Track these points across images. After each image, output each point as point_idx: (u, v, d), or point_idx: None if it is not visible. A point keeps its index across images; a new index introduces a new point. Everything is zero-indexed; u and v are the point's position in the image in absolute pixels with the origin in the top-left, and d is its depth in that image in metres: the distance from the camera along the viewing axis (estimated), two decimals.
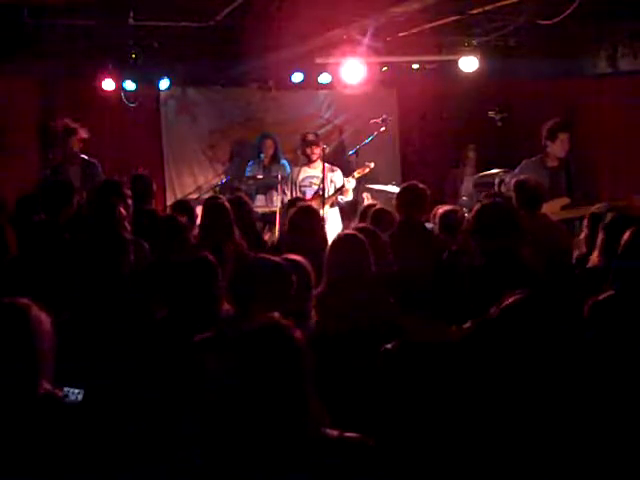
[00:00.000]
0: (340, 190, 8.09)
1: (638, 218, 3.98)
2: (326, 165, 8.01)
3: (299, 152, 8.12)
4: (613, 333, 3.25)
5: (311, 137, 8.59)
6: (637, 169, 8.41)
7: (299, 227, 4.94)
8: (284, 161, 9.43)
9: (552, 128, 7.00)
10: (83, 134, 7.73)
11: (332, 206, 8.15)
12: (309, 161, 8.44)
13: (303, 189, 8.37)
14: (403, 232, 5.10)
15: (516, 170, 7.35)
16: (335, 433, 2.26)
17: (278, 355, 2.23)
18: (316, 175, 8.26)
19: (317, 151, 8.26)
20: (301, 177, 8.47)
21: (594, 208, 4.90)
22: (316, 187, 8.19)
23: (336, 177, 8.27)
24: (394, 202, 5.65)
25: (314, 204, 6.75)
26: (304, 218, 5.02)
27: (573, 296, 3.75)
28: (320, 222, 5.24)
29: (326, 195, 7.80)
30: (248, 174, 9.24)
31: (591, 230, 4.59)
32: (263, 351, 2.23)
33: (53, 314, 2.65)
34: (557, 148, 6.97)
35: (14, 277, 4.23)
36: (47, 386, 2.52)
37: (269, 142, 9.35)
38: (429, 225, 5.93)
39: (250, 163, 9.47)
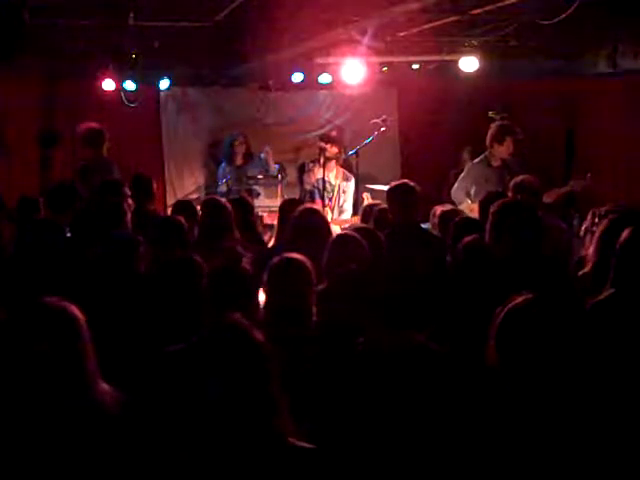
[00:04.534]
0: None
1: (635, 218, 3.98)
2: (341, 171, 7.83)
3: (316, 150, 7.93)
4: (613, 332, 3.25)
5: (333, 134, 8.38)
6: (637, 169, 8.42)
7: (304, 228, 4.85)
8: (261, 154, 9.33)
9: (501, 131, 7.18)
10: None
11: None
12: (324, 160, 7.70)
13: (312, 190, 7.90)
14: (399, 232, 5.06)
15: (463, 173, 7.42)
16: (296, 442, 2.25)
17: (237, 358, 2.19)
18: (331, 183, 7.79)
19: (334, 150, 7.78)
20: (316, 176, 7.91)
21: (596, 209, 4.92)
22: (329, 195, 7.74)
23: (348, 187, 7.86)
24: (386, 202, 5.60)
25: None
26: (309, 219, 4.93)
27: (575, 296, 3.76)
28: (326, 223, 5.14)
29: (335, 208, 7.66)
30: (220, 177, 9.13)
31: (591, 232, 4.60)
32: (221, 354, 2.20)
33: None
34: (504, 150, 7.14)
35: (13, 276, 4.23)
36: (104, 386, 2.48)
37: (239, 141, 9.23)
38: (426, 225, 5.91)
39: (222, 166, 9.31)
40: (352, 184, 7.85)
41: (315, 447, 2.29)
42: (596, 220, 4.55)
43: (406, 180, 5.56)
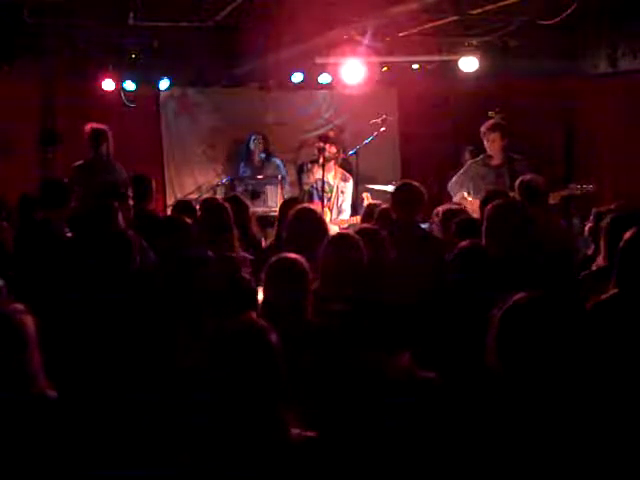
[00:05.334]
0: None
1: (638, 217, 3.97)
2: (340, 171, 7.88)
3: (315, 150, 7.95)
4: (616, 332, 3.24)
5: (332, 134, 8.40)
6: (637, 169, 8.41)
7: (299, 228, 4.87)
8: (277, 160, 9.40)
9: (484, 130, 7.24)
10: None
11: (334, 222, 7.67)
12: (323, 161, 7.69)
13: (311, 190, 7.96)
14: (399, 232, 5.06)
15: (462, 169, 7.45)
16: (296, 432, 2.34)
17: (253, 358, 2.27)
18: (330, 183, 7.80)
19: (333, 150, 7.80)
20: (315, 177, 7.95)
21: (599, 209, 4.92)
22: (328, 196, 7.76)
23: (346, 188, 7.89)
24: (390, 202, 5.60)
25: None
26: (304, 219, 4.94)
27: (577, 296, 3.74)
28: (322, 223, 5.15)
29: (334, 208, 7.70)
30: (241, 175, 9.22)
31: (595, 231, 4.60)
32: (238, 354, 2.27)
33: (53, 312, 2.67)
34: (490, 147, 7.17)
35: (12, 275, 4.22)
36: (40, 386, 2.56)
37: (257, 141, 9.34)
38: (424, 225, 5.90)
39: (242, 164, 9.43)
40: (350, 184, 7.88)
41: (316, 436, 2.37)
42: (602, 219, 4.53)
43: (410, 180, 5.55)
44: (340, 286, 3.53)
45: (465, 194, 7.02)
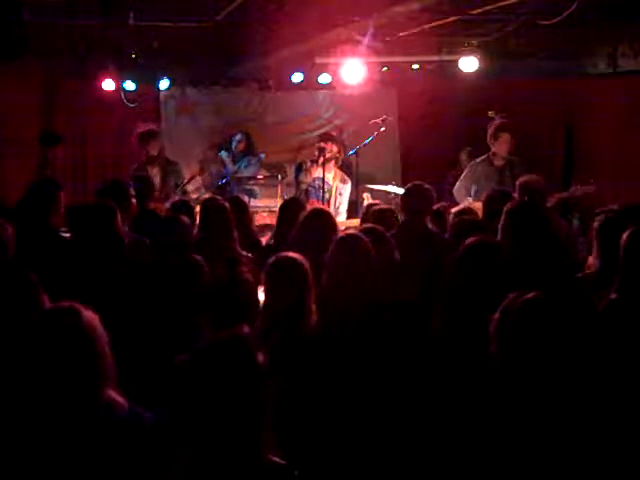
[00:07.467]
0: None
1: (628, 219, 3.95)
2: (339, 172, 7.87)
3: (315, 151, 7.93)
4: (618, 336, 3.23)
5: (333, 133, 8.33)
6: (637, 169, 8.42)
7: (313, 229, 4.81)
8: (252, 158, 9.32)
9: (494, 129, 7.24)
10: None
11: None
12: (323, 160, 7.59)
13: (309, 189, 7.88)
14: (404, 233, 5.05)
15: (465, 171, 7.45)
16: (273, 458, 2.22)
17: (235, 375, 2.16)
18: (329, 183, 7.70)
19: (334, 149, 7.69)
20: (313, 175, 7.87)
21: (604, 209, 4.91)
22: (327, 196, 7.67)
23: (344, 190, 7.82)
24: (400, 202, 5.61)
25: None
26: (317, 220, 4.89)
27: (579, 296, 3.73)
28: (335, 225, 5.11)
29: (332, 209, 7.65)
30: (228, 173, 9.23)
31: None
32: (220, 369, 2.17)
33: None
34: (499, 147, 7.19)
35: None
36: (111, 395, 2.45)
37: (238, 139, 9.36)
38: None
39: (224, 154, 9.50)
40: (349, 187, 7.83)
41: (287, 464, 2.25)
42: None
43: (420, 182, 5.54)
44: (349, 288, 3.50)
45: (470, 200, 7.00)
